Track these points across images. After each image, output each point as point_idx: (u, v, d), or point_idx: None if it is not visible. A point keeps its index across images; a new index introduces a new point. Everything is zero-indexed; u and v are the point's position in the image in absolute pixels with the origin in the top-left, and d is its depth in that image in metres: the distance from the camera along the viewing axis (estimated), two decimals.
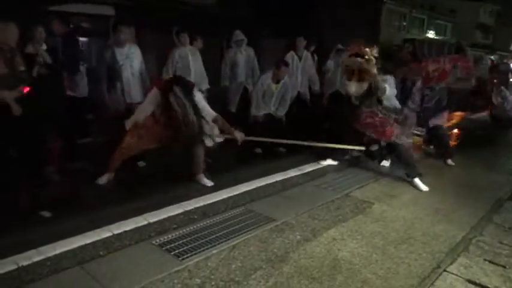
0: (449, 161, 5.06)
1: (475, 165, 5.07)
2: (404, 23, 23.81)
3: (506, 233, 3.17)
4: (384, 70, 4.47)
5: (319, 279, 2.42)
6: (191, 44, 5.37)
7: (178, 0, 9.81)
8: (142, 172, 4.40)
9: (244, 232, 2.96)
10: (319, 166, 4.77)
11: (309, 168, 4.70)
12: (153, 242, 2.75)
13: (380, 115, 4.34)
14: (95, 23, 7.81)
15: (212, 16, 9.03)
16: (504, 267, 2.61)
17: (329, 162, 4.84)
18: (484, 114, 8.46)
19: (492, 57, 9.62)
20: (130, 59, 4.45)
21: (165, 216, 3.17)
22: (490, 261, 2.69)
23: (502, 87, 7.15)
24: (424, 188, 4.12)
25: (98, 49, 5.06)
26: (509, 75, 8.92)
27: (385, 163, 4.92)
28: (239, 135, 3.96)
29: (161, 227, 2.99)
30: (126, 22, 4.63)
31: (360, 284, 2.39)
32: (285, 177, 4.29)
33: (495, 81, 7.69)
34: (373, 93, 4.30)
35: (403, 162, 4.35)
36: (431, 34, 27.76)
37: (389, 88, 4.38)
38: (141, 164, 4.48)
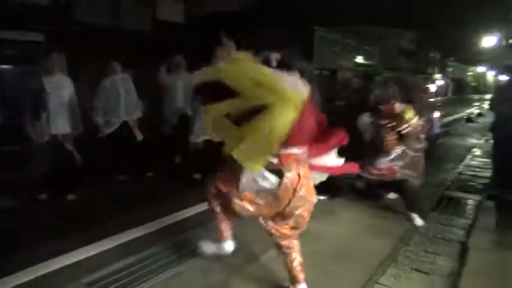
0: None
1: None
2: (336, 49, 25.33)
3: (430, 241, 3.43)
4: None
5: None
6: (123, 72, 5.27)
7: (113, 27, 9.68)
8: (71, 206, 4.17)
9: (184, 261, 2.91)
10: None
11: None
12: (83, 280, 2.60)
13: None
14: (19, 49, 7.41)
15: (149, 43, 9.02)
16: (428, 274, 2.81)
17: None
18: None
19: None
20: (60, 88, 4.27)
21: (96, 252, 3.01)
22: (416, 270, 2.88)
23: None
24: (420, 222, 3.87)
25: (22, 77, 4.78)
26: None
27: (392, 195, 4.60)
28: None
29: (92, 264, 2.83)
30: (56, 49, 4.46)
31: None
32: None
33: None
34: None
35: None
36: (360, 58, 29.73)
37: None
38: (70, 197, 4.28)
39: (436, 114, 8.85)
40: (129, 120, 5.19)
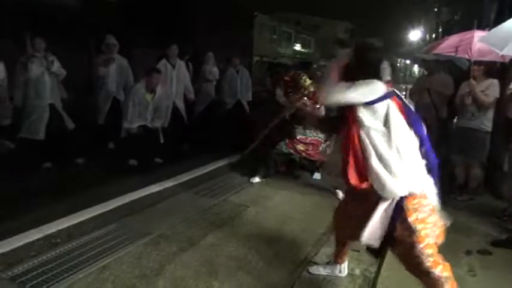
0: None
1: None
2: (275, 36, 25.68)
3: None
4: None
5: None
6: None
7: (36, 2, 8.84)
8: None
9: (116, 250, 2.79)
10: (197, 174, 4.77)
11: (187, 176, 4.67)
12: (4, 275, 2.39)
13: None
14: None
15: (77, 22, 8.37)
16: (358, 251, 2.97)
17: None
18: None
19: None
20: None
21: (19, 244, 2.78)
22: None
23: None
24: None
25: None
26: None
27: (317, 175, 4.89)
28: None
29: (14, 257, 2.61)
30: None
31: (235, 286, 2.46)
32: (162, 187, 4.18)
33: None
34: None
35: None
36: (298, 47, 30.45)
37: None
38: None
39: None
40: (56, 103, 4.82)
